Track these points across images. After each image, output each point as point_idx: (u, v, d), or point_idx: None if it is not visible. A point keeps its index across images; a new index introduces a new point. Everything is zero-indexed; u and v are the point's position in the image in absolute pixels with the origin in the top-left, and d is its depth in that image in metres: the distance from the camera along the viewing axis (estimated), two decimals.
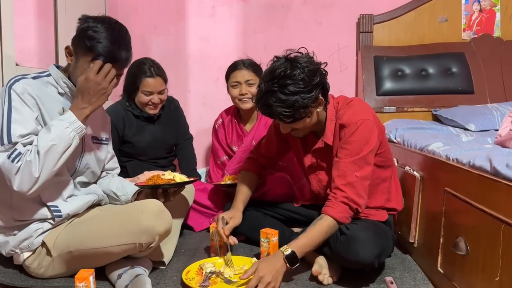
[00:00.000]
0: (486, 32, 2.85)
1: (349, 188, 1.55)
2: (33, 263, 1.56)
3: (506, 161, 1.19)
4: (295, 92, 1.51)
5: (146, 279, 1.48)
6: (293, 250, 1.47)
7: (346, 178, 1.55)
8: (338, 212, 1.53)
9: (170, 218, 1.56)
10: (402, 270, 1.69)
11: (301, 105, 1.53)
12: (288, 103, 1.51)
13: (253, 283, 1.40)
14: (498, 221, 1.13)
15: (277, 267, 1.44)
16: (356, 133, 1.58)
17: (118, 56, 1.47)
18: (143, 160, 2.35)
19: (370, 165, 1.59)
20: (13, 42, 1.95)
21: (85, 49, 1.45)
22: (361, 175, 1.56)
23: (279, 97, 1.51)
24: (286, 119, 1.57)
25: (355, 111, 1.64)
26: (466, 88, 2.72)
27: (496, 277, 1.13)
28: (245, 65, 2.27)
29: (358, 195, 1.55)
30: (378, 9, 2.90)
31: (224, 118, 2.46)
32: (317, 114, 1.66)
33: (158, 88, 2.23)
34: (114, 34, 1.48)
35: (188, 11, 3.07)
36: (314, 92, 1.55)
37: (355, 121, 1.60)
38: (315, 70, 1.56)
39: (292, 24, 2.98)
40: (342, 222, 1.54)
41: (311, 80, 1.53)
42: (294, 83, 1.51)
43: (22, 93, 1.44)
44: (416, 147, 1.96)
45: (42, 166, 1.38)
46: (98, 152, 1.71)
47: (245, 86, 2.25)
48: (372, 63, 2.81)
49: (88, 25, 1.46)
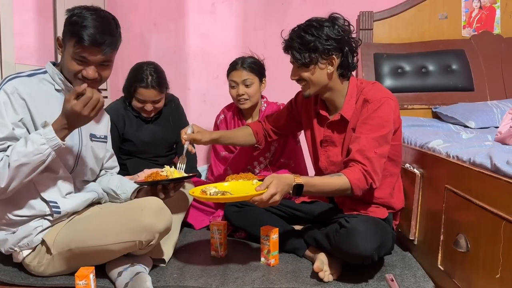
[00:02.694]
0: (486, 29, 2.84)
1: (368, 162, 1.57)
2: (32, 261, 1.56)
3: (506, 158, 1.19)
4: (314, 34, 1.62)
5: (147, 277, 1.48)
6: (303, 184, 1.51)
7: (366, 153, 1.57)
8: (355, 177, 1.55)
9: (170, 215, 1.56)
10: (402, 267, 1.69)
11: (314, 48, 1.62)
12: (304, 41, 1.63)
13: (267, 195, 1.44)
14: (498, 218, 1.13)
15: (285, 189, 1.50)
16: (380, 109, 1.62)
17: (100, 39, 1.43)
18: (143, 158, 2.35)
19: (388, 144, 1.62)
20: (12, 39, 1.94)
21: (70, 35, 1.45)
22: (380, 153, 1.59)
23: (300, 33, 1.65)
24: (297, 55, 1.65)
25: (380, 89, 1.69)
26: (466, 85, 2.72)
27: (497, 274, 1.13)
28: (243, 65, 2.24)
29: (375, 171, 1.57)
30: (378, 6, 2.89)
31: (226, 114, 2.44)
32: (329, 76, 1.68)
33: (152, 98, 2.20)
34: (97, 19, 1.46)
35: (188, 8, 3.06)
36: (331, 46, 1.63)
37: (379, 98, 1.63)
38: (343, 31, 1.66)
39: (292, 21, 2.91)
40: (354, 189, 1.55)
41: (333, 34, 1.63)
42: (318, 27, 1.64)
43: (12, 93, 1.44)
44: (416, 145, 1.96)
45: (11, 178, 1.39)
46: (96, 150, 1.70)
47: (242, 87, 2.22)
48: (372, 60, 2.81)
49: (73, 13, 1.47)
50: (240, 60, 2.27)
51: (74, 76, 1.50)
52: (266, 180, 1.49)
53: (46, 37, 2.32)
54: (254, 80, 2.23)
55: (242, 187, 1.66)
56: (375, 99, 1.63)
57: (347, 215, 1.68)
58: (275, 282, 1.56)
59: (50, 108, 1.52)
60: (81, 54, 1.45)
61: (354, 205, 1.73)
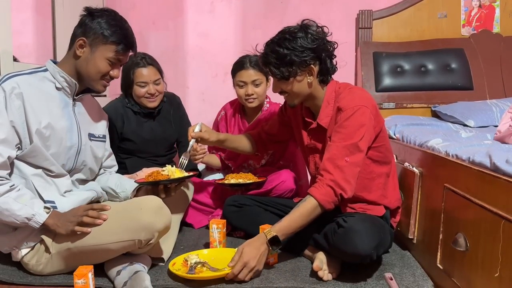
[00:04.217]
0: (486, 28, 2.84)
1: (338, 171, 1.55)
2: (31, 260, 1.55)
3: (506, 157, 1.19)
4: (289, 48, 1.60)
5: (145, 276, 1.48)
6: (276, 234, 1.52)
7: (336, 162, 1.56)
8: (322, 194, 1.54)
9: (170, 214, 1.56)
10: (401, 266, 1.69)
11: (290, 62, 1.61)
12: (280, 55, 1.61)
13: (238, 268, 1.48)
14: (498, 217, 1.13)
15: (261, 251, 1.52)
16: (352, 118, 1.59)
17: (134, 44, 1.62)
18: (142, 157, 2.34)
19: (362, 152, 1.59)
20: (11, 37, 1.94)
21: (106, 38, 1.53)
22: (352, 161, 1.56)
23: (274, 48, 1.63)
24: (275, 70, 1.64)
25: (354, 97, 1.65)
26: (465, 84, 2.72)
27: (496, 273, 1.13)
28: (252, 64, 2.18)
29: (346, 180, 1.55)
30: (377, 4, 2.89)
31: (227, 111, 2.41)
32: (310, 85, 1.69)
33: (152, 78, 2.19)
34: (127, 24, 1.62)
35: (187, 6, 3.06)
36: (307, 56, 1.61)
37: (352, 106, 1.61)
38: (318, 39, 1.63)
39: (291, 20, 2.91)
40: (324, 206, 1.54)
41: (308, 44, 1.61)
42: (292, 40, 1.61)
43: (10, 93, 1.44)
44: (415, 143, 1.96)
45: None
46: (95, 149, 1.71)
47: (252, 87, 2.18)
48: (371, 59, 2.81)
49: (104, 14, 1.56)
50: (247, 59, 2.20)
51: (102, 76, 1.57)
52: (236, 252, 1.53)
53: (45, 36, 2.32)
54: (263, 79, 2.20)
55: (223, 255, 1.69)
56: (348, 108, 1.61)
57: (345, 214, 1.68)
58: (274, 281, 1.55)
59: (48, 108, 1.52)
60: (119, 56, 1.56)
61: (351, 203, 1.73)
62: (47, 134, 1.51)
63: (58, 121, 1.55)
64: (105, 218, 1.48)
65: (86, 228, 1.47)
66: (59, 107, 1.57)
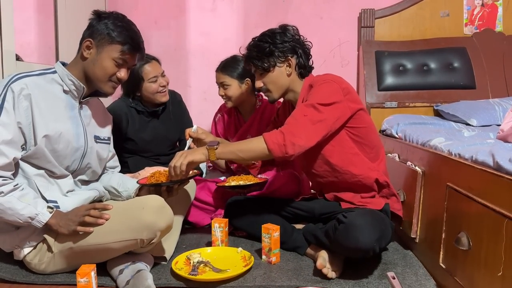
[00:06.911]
0: (488, 26, 2.83)
1: (292, 121, 1.61)
2: (34, 259, 1.56)
3: (508, 156, 1.18)
4: (268, 41, 1.78)
5: (148, 275, 1.48)
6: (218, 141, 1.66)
7: (294, 116, 1.63)
8: (270, 135, 1.58)
9: (172, 214, 1.56)
10: (403, 265, 1.69)
11: (270, 52, 1.76)
12: (260, 48, 1.78)
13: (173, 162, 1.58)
14: (500, 216, 1.13)
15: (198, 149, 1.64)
16: (319, 88, 1.67)
17: (142, 46, 1.63)
18: (145, 157, 2.34)
19: (322, 113, 1.61)
20: (13, 36, 1.94)
21: (113, 39, 1.54)
22: (310, 118, 1.60)
23: (256, 43, 1.82)
24: (257, 62, 1.78)
25: (327, 75, 1.74)
26: (467, 83, 2.71)
27: (499, 272, 1.13)
28: (219, 68, 2.26)
29: (299, 129, 1.58)
30: (380, 3, 2.88)
31: (224, 111, 2.45)
32: (288, 76, 1.79)
33: (159, 71, 2.24)
34: (136, 27, 1.62)
35: (189, 5, 3.06)
36: (285, 48, 1.77)
37: (322, 80, 1.70)
38: (294, 35, 1.80)
39: (293, 19, 2.95)
40: (269, 147, 1.56)
41: (285, 38, 1.78)
42: (271, 35, 1.79)
43: (18, 94, 1.44)
44: (417, 142, 1.95)
45: None
46: (100, 151, 1.71)
47: (222, 89, 2.25)
48: (374, 58, 2.80)
49: (112, 16, 1.58)
50: (222, 62, 2.27)
51: (109, 77, 1.57)
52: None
53: (47, 34, 2.32)
54: (231, 81, 2.22)
55: (225, 254, 1.71)
56: (318, 82, 1.70)
57: (345, 209, 1.68)
58: (276, 279, 1.55)
59: (55, 110, 1.53)
60: (124, 56, 1.56)
61: (350, 198, 1.74)
62: (53, 136, 1.51)
63: (64, 123, 1.55)
64: (107, 217, 1.49)
65: (88, 228, 1.47)
66: (66, 109, 1.58)
